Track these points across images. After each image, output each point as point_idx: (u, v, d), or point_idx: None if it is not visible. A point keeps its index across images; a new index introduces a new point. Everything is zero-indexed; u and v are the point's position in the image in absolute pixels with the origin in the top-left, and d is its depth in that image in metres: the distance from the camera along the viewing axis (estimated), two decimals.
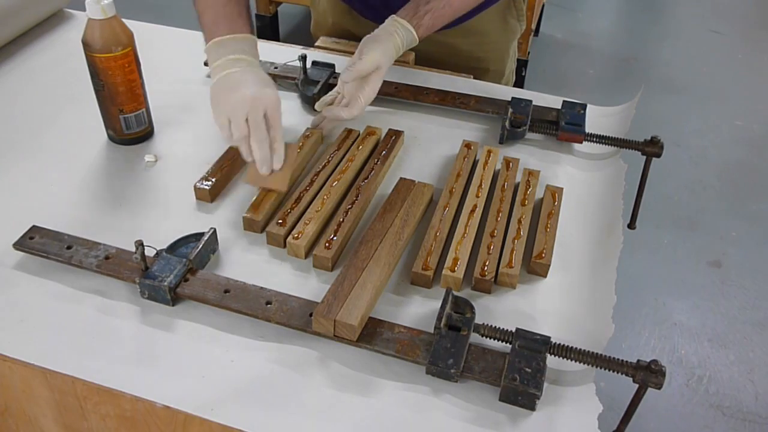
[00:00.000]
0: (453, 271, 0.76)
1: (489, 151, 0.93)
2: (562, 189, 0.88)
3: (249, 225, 0.83)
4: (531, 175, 0.90)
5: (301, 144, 0.93)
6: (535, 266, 0.79)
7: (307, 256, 0.80)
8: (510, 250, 0.79)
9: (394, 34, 0.93)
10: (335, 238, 0.80)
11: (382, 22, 0.93)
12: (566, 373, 0.69)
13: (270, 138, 0.83)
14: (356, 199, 0.85)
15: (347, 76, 0.91)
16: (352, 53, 0.95)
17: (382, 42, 0.92)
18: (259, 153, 0.83)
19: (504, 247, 0.80)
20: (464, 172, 0.90)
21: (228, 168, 0.90)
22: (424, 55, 1.16)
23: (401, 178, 0.88)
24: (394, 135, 0.96)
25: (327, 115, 0.96)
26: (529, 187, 0.88)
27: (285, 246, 0.81)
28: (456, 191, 0.87)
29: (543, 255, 0.79)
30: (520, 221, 0.83)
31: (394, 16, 0.95)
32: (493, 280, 0.76)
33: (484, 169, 0.91)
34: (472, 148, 0.94)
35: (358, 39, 0.96)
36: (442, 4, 0.96)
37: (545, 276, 0.79)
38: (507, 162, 0.92)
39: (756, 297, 1.93)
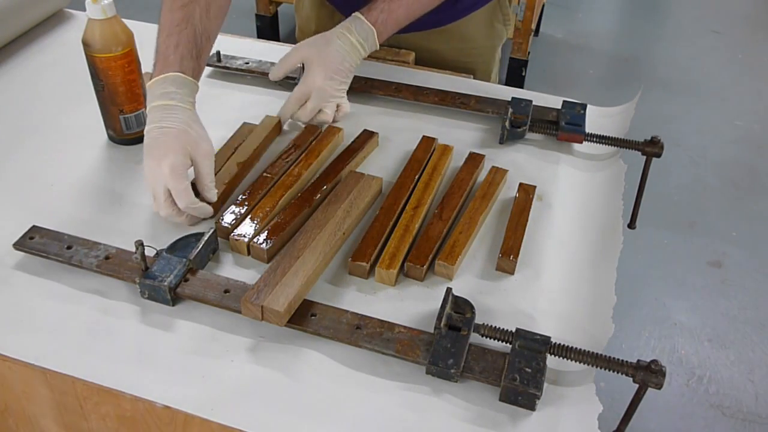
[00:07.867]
0: (388, 267, 0.76)
1: (445, 147, 0.94)
2: (534, 187, 0.88)
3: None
4: (497, 172, 0.90)
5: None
6: (503, 263, 0.79)
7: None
8: (451, 243, 0.79)
9: (344, 32, 0.95)
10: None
11: None
12: (566, 373, 0.69)
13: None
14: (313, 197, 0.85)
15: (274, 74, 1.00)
16: None
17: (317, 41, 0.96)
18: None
19: (446, 240, 0.80)
20: (418, 165, 0.91)
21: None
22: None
23: (351, 172, 0.88)
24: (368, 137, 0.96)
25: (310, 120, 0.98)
26: (492, 184, 0.88)
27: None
28: (406, 185, 0.87)
29: (510, 252, 0.79)
30: (472, 216, 0.83)
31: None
32: (425, 269, 0.77)
33: (434, 165, 0.91)
34: (431, 142, 0.95)
35: None
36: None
37: (512, 273, 0.79)
38: (473, 157, 0.93)
39: (756, 297, 1.93)
